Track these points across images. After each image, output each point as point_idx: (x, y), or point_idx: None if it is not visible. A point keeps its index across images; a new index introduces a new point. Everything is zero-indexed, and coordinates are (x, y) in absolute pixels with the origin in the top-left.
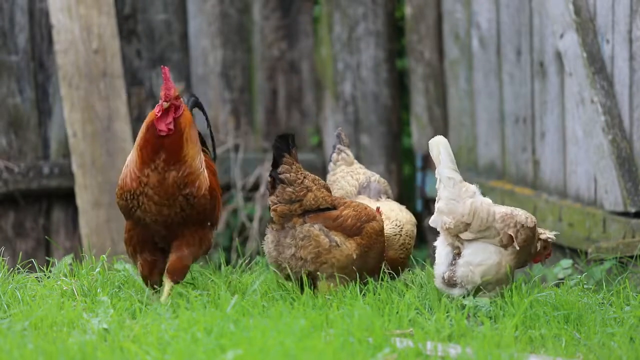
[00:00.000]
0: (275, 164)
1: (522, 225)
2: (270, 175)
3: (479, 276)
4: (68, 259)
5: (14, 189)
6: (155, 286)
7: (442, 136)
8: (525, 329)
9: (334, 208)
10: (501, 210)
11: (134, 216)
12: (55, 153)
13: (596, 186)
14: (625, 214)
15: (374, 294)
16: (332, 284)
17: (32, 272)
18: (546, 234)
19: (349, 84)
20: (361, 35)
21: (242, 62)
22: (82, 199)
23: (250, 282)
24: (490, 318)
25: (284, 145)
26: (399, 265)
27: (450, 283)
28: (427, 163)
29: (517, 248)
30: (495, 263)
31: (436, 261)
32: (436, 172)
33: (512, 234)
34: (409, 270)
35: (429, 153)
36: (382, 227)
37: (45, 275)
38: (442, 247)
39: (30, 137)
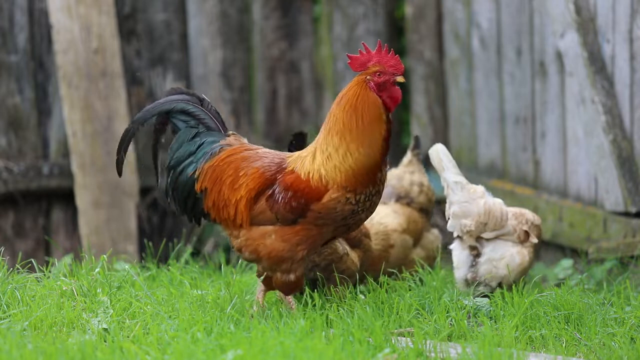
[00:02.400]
0: None
1: (532, 223)
2: None
3: (503, 269)
4: (68, 259)
5: (13, 189)
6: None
7: (440, 143)
8: (525, 329)
9: None
10: (510, 209)
11: (345, 220)
12: (55, 153)
13: (597, 186)
14: (625, 214)
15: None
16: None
17: (31, 272)
18: None
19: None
20: (361, 35)
21: (242, 62)
22: (82, 199)
23: (250, 282)
24: (491, 318)
25: (300, 142)
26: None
27: (473, 283)
28: (427, 163)
29: (536, 241)
30: (516, 253)
31: (455, 265)
32: (441, 179)
33: (526, 230)
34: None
35: (428, 153)
36: (371, 245)
37: (44, 275)
38: (459, 251)
39: (29, 137)
